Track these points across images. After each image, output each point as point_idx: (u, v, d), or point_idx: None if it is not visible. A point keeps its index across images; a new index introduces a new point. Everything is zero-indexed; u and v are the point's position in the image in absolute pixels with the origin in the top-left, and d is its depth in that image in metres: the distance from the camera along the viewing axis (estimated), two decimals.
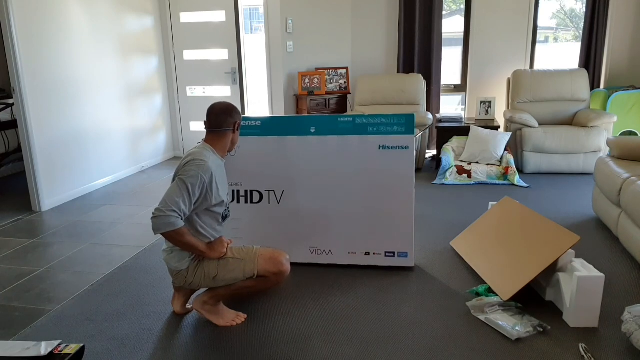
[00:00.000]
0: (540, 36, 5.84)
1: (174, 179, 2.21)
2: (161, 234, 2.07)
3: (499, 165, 4.71)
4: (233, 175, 2.94)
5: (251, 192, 2.95)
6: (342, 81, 5.88)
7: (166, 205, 2.07)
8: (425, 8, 5.72)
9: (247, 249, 2.33)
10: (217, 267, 2.26)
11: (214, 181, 2.21)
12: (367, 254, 2.92)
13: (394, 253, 2.90)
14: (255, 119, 2.90)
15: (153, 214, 2.06)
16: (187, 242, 2.14)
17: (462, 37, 5.91)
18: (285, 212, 2.94)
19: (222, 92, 5.84)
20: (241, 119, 2.40)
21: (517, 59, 5.75)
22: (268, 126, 2.89)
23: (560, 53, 6.98)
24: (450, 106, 6.69)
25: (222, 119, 2.30)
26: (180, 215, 2.08)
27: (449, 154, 4.85)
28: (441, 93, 5.97)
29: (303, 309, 2.49)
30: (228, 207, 2.41)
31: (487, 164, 4.75)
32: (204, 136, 2.49)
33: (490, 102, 5.48)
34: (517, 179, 4.54)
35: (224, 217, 2.38)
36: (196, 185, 2.13)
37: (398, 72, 5.94)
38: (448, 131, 5.21)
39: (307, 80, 5.60)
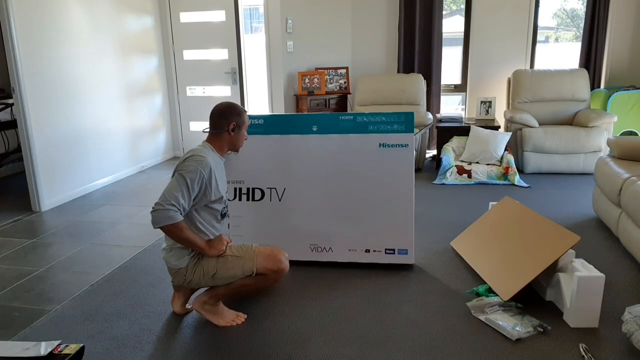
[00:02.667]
0: (540, 36, 5.84)
1: (173, 175, 2.22)
2: (160, 227, 2.08)
3: (499, 165, 4.71)
4: (235, 173, 2.94)
5: (253, 189, 2.95)
6: (342, 81, 5.88)
7: (165, 199, 2.08)
8: (425, 8, 5.71)
9: (246, 247, 2.33)
10: (216, 265, 2.26)
11: (213, 177, 2.22)
12: (367, 251, 2.92)
13: (394, 250, 2.90)
14: (258, 117, 2.91)
15: (153, 207, 2.08)
16: (186, 237, 2.14)
17: (462, 37, 5.90)
18: (287, 209, 2.94)
19: (222, 92, 5.84)
20: (240, 121, 2.33)
21: (517, 58, 5.74)
22: (271, 124, 2.90)
23: (561, 53, 6.97)
24: (451, 106, 6.69)
25: (216, 120, 2.31)
26: (179, 210, 2.09)
27: (449, 154, 4.84)
28: (441, 93, 5.97)
29: (303, 308, 2.49)
30: (227, 205, 2.42)
31: (488, 164, 4.75)
32: (204, 136, 2.50)
33: (490, 102, 5.47)
34: (517, 179, 4.54)
35: (223, 215, 2.38)
36: (195, 180, 2.14)
37: (398, 72, 5.94)
38: (448, 131, 5.21)
39: (307, 80, 5.59)
